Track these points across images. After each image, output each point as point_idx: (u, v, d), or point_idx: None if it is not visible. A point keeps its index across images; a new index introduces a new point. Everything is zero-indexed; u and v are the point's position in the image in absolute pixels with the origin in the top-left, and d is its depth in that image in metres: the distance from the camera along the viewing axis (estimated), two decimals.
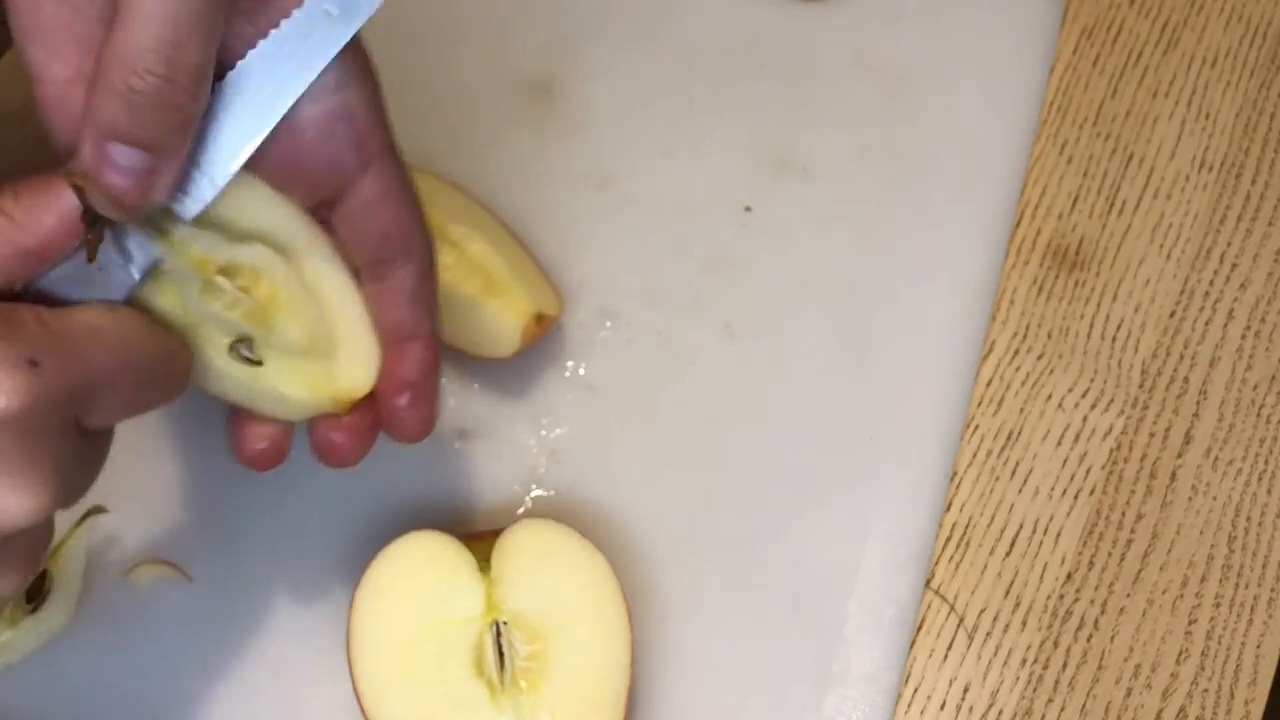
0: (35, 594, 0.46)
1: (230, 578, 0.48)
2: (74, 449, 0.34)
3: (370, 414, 0.41)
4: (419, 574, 0.43)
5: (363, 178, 0.39)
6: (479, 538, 0.45)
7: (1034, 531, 0.50)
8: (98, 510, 0.47)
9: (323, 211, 0.39)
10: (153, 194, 0.35)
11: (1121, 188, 0.57)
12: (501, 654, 0.43)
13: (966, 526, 0.50)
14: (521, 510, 0.49)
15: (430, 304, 0.41)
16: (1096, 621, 0.48)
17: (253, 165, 0.37)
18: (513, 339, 0.48)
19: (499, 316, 0.49)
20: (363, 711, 0.42)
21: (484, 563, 0.44)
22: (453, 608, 0.43)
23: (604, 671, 0.43)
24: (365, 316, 0.40)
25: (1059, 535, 0.50)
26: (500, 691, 0.42)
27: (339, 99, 0.37)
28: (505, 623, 0.43)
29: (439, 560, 0.44)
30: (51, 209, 0.34)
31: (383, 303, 0.40)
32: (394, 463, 0.50)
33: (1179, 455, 0.51)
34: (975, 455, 0.51)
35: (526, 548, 0.44)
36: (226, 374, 0.39)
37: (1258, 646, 0.48)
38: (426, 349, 0.41)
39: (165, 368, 0.36)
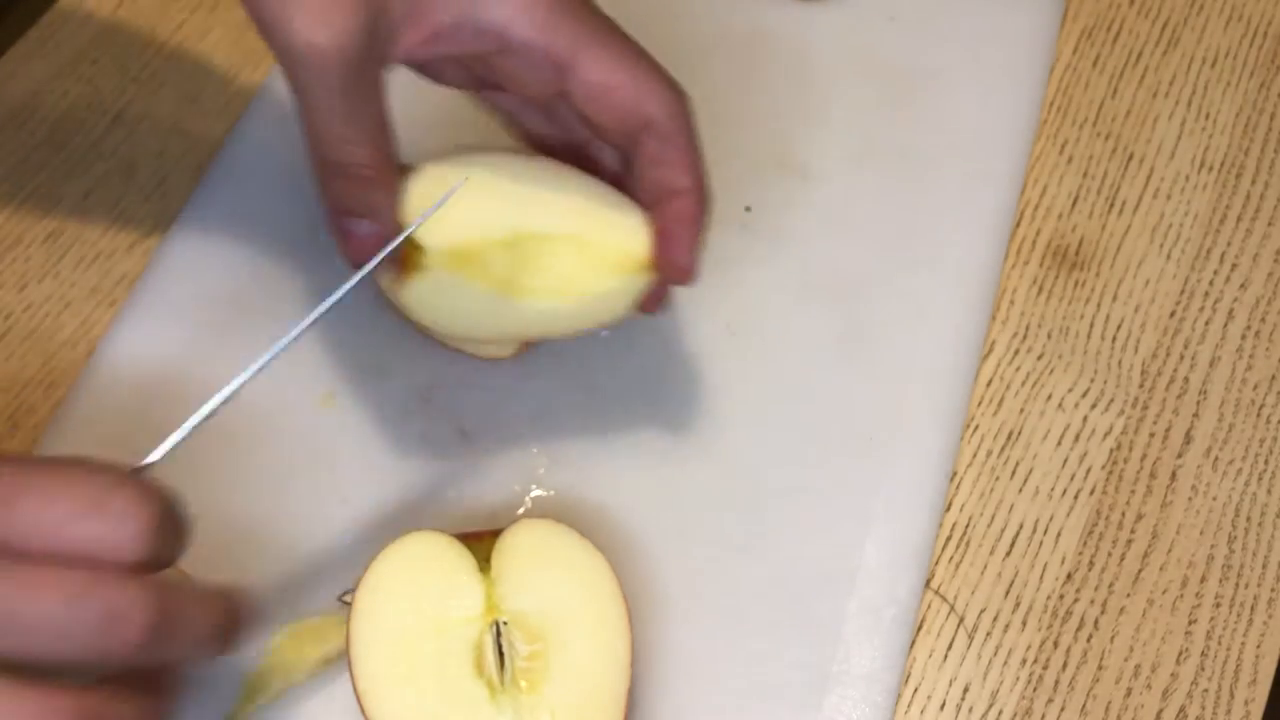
0: None
1: (231, 578, 0.48)
2: None
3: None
4: (419, 574, 0.43)
5: (583, 61, 0.42)
6: (478, 538, 0.45)
7: (1034, 531, 0.50)
8: None
9: (556, 100, 0.43)
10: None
11: (1121, 188, 0.57)
12: (501, 654, 0.43)
13: (966, 526, 0.50)
14: (521, 510, 0.49)
15: (692, 158, 0.43)
16: (1096, 621, 0.48)
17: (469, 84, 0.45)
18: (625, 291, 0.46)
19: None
20: (362, 711, 0.42)
21: (484, 563, 0.44)
22: (452, 608, 0.43)
23: (604, 671, 0.43)
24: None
25: (1059, 535, 0.50)
26: (500, 691, 0.42)
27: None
28: (505, 623, 0.43)
29: (439, 560, 0.44)
30: None
31: (646, 167, 0.43)
32: (394, 462, 0.50)
33: (1179, 455, 0.51)
34: (975, 455, 0.51)
35: (526, 548, 0.44)
36: None
37: (1258, 646, 0.48)
38: (688, 203, 0.43)
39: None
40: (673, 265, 0.44)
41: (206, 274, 0.54)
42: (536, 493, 0.50)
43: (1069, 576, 0.49)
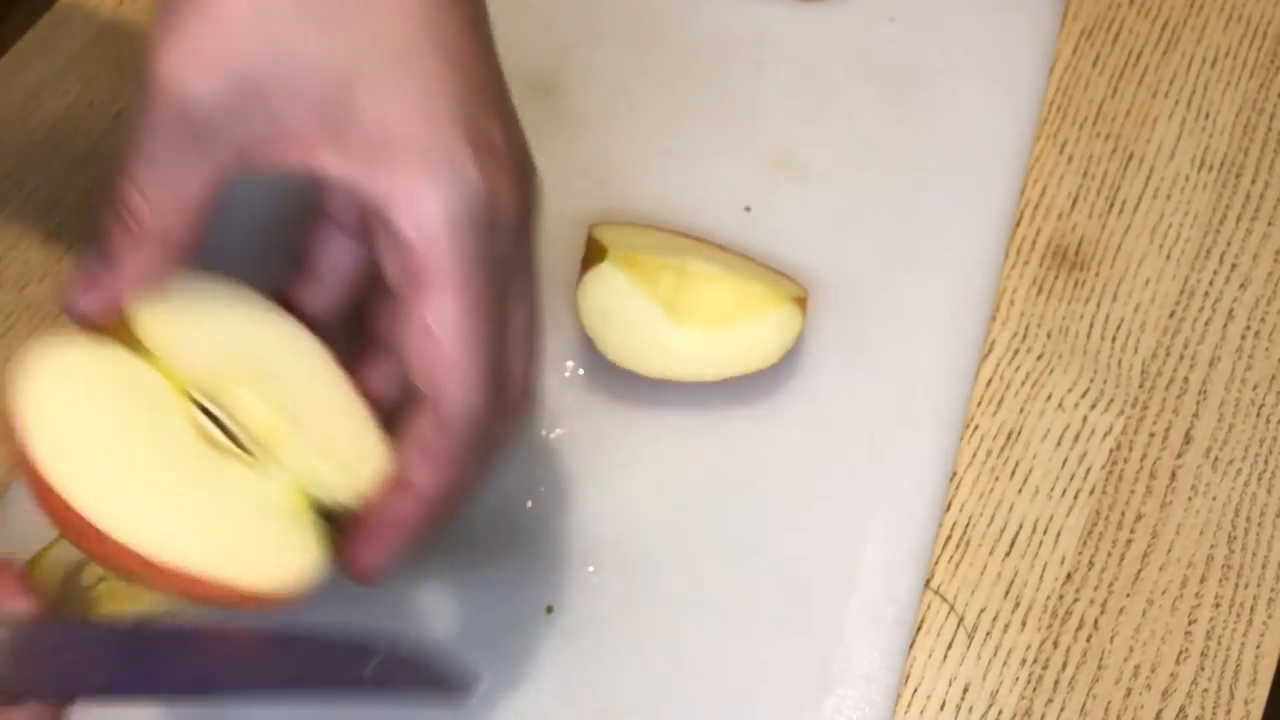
0: None
1: None
2: None
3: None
4: (84, 385, 0.37)
5: (417, 300, 0.36)
6: (112, 331, 0.39)
7: (1034, 531, 0.50)
8: None
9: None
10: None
11: (1121, 188, 0.57)
12: (220, 423, 0.38)
13: (966, 526, 0.50)
14: (521, 510, 0.49)
15: (436, 460, 0.37)
16: (1096, 621, 0.48)
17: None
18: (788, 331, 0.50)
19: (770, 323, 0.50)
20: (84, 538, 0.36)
21: (136, 346, 0.38)
22: (143, 402, 0.37)
23: (331, 391, 0.40)
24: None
25: (1059, 535, 0.50)
26: (249, 456, 0.38)
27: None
28: (205, 393, 0.38)
29: (94, 363, 0.38)
30: None
31: (401, 438, 0.38)
32: None
33: (1179, 455, 0.51)
34: (975, 455, 0.51)
35: (174, 314, 0.39)
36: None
37: (1258, 646, 0.48)
38: (408, 502, 0.38)
39: None
40: (353, 560, 0.38)
41: None
42: (537, 492, 0.50)
43: (1069, 576, 0.49)
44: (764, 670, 0.47)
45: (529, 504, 0.50)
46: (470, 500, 0.40)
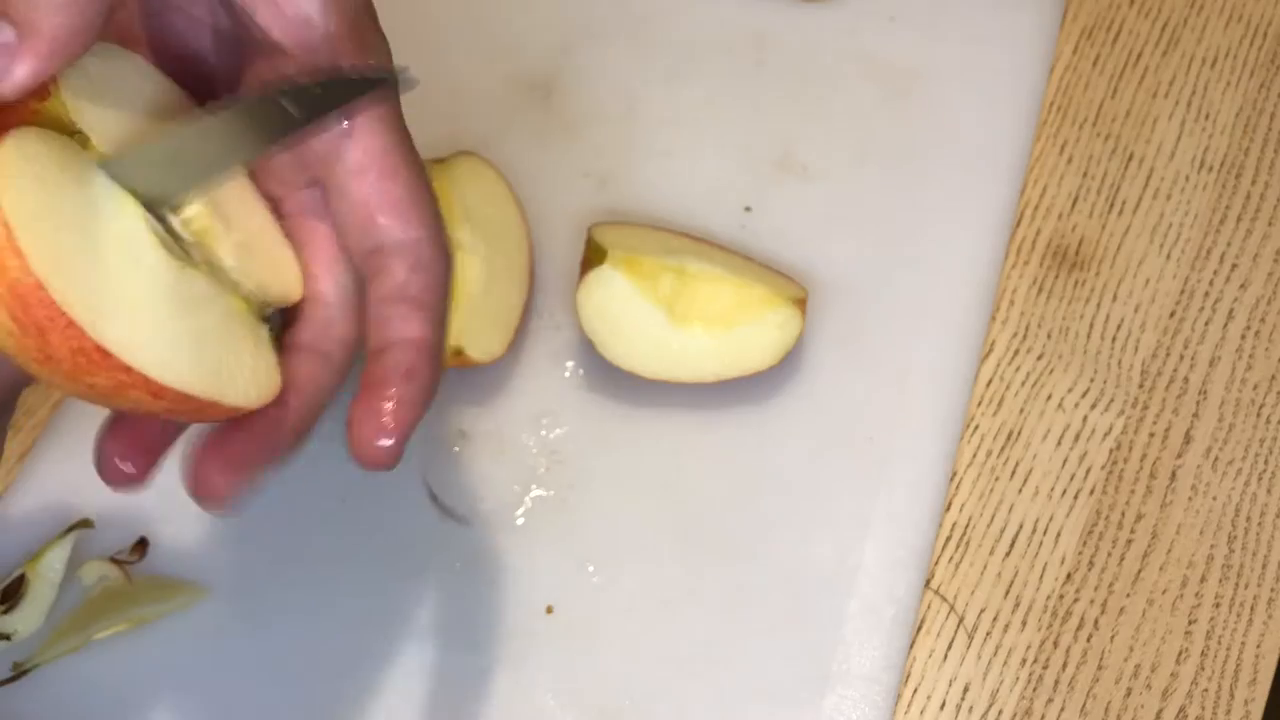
0: (12, 595, 0.46)
1: (240, 580, 0.48)
2: None
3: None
4: (55, 186, 0.32)
5: (347, 144, 0.35)
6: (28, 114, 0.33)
7: (1034, 531, 0.50)
8: (84, 524, 0.47)
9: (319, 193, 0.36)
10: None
11: (1121, 188, 0.57)
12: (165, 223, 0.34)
13: (966, 526, 0.50)
14: (521, 510, 0.50)
15: (423, 302, 0.35)
16: (1096, 621, 0.48)
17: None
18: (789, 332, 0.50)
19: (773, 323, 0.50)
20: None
21: (66, 126, 0.34)
22: (105, 202, 0.33)
23: (244, 196, 0.36)
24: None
25: (1059, 535, 0.50)
26: (200, 262, 0.35)
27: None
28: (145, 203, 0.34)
29: (58, 161, 0.33)
30: None
31: (374, 299, 0.35)
32: None
33: (1179, 455, 0.51)
34: (975, 455, 0.51)
35: (94, 88, 0.35)
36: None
37: (1258, 646, 0.48)
38: (408, 353, 0.34)
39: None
40: (363, 445, 0.34)
41: None
42: (536, 492, 0.50)
43: (1069, 576, 0.49)
44: (764, 670, 0.47)
45: (529, 504, 0.50)
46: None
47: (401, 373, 0.34)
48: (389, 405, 0.34)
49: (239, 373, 0.34)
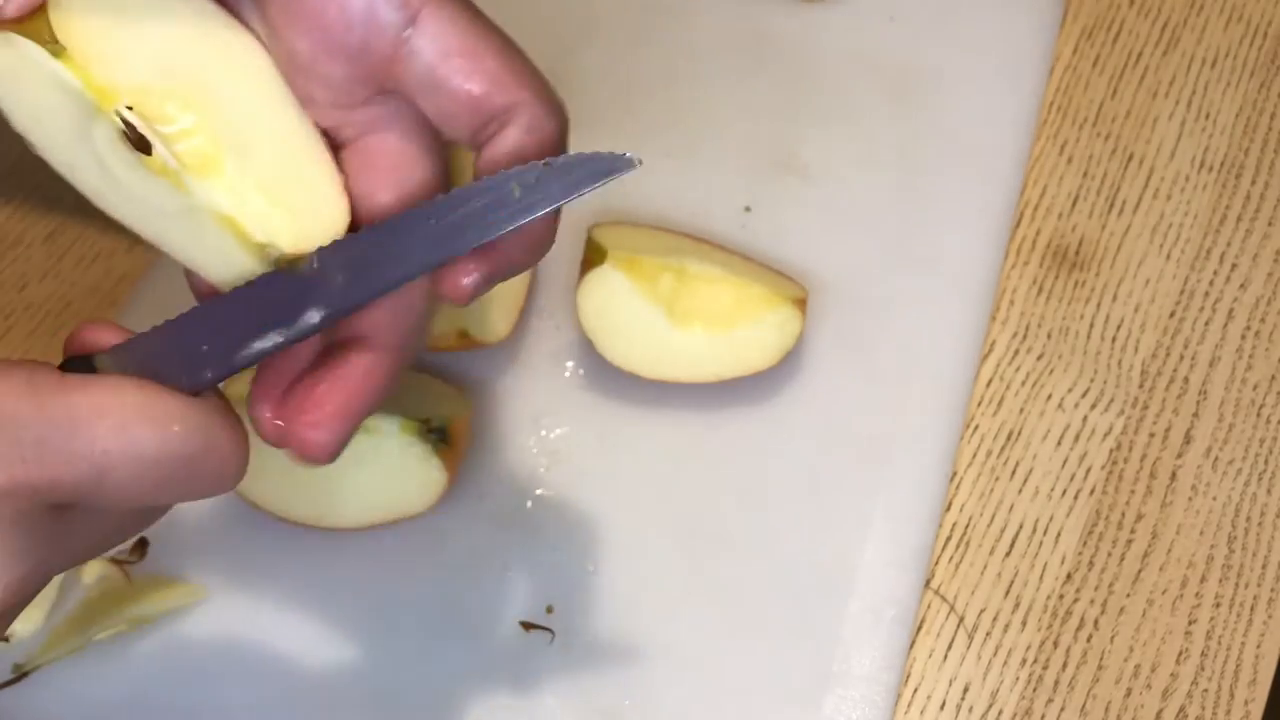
0: None
1: (236, 578, 0.48)
2: (46, 533, 0.30)
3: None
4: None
5: (416, 40, 0.33)
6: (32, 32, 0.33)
7: (1034, 531, 0.50)
8: None
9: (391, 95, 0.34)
10: None
11: (1121, 188, 0.57)
12: (143, 137, 0.34)
13: (966, 526, 0.50)
14: (521, 510, 0.49)
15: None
16: (1096, 621, 0.48)
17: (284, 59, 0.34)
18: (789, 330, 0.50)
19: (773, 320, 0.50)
20: None
21: (50, 43, 0.33)
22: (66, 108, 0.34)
23: (287, 125, 0.35)
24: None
25: (1059, 535, 0.50)
26: (174, 177, 0.34)
27: None
28: (129, 107, 0.34)
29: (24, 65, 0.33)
30: None
31: (485, 162, 0.34)
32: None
33: (1179, 455, 0.51)
34: (975, 455, 0.51)
35: (104, 13, 0.34)
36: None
37: (1258, 646, 0.48)
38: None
39: (193, 466, 0.31)
40: (452, 280, 0.34)
41: None
42: (536, 492, 0.50)
43: (1069, 576, 0.49)
44: (764, 670, 0.47)
45: (529, 504, 0.50)
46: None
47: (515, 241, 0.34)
48: (487, 266, 0.34)
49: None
